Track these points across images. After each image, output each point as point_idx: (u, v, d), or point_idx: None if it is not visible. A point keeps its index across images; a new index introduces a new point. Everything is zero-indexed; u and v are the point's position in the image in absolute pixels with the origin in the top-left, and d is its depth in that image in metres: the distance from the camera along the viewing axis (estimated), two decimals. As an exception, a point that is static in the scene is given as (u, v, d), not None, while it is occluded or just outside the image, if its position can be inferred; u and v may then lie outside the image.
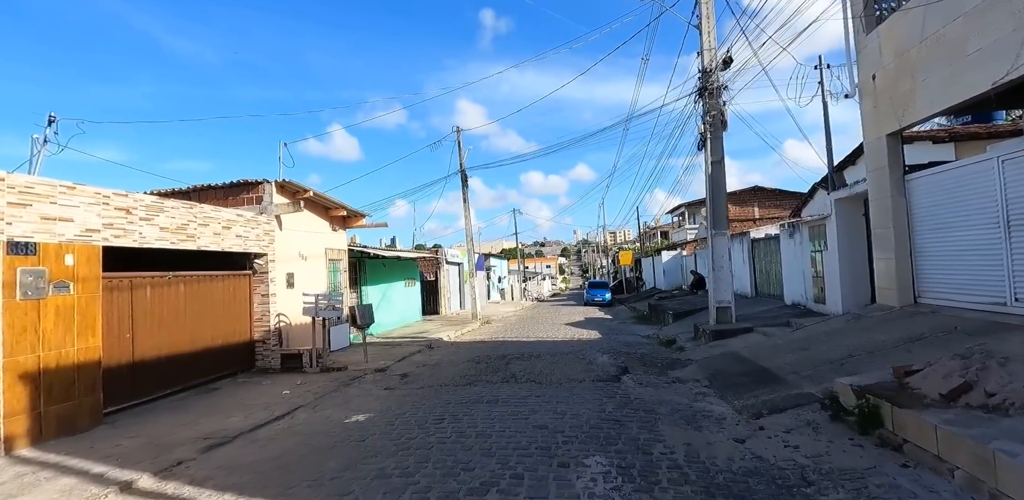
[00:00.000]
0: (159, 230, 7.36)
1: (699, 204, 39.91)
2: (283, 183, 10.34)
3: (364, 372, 9.34)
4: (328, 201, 11.73)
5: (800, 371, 6.56)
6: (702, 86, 11.07)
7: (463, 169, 20.41)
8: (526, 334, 15.09)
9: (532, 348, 11.69)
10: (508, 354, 10.75)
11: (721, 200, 11.09)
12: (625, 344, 11.97)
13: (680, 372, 8.17)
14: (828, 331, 8.05)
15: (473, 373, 8.68)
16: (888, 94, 7.99)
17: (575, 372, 8.37)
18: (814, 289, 11.14)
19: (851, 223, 9.83)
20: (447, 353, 11.55)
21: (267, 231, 9.90)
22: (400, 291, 18.70)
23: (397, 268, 18.58)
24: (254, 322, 9.86)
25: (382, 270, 17.17)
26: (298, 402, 7.11)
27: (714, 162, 11.06)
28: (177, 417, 6.52)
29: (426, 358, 10.90)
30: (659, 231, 56.53)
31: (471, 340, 14.19)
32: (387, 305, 17.29)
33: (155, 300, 7.62)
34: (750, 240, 15.74)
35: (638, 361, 9.39)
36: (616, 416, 5.67)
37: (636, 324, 17.19)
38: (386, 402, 6.89)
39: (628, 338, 13.24)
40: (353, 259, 15.10)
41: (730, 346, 9.30)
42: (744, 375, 7.12)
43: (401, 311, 18.59)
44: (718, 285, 10.99)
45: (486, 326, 18.75)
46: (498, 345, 12.57)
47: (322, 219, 12.12)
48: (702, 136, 11.20)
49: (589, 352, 10.63)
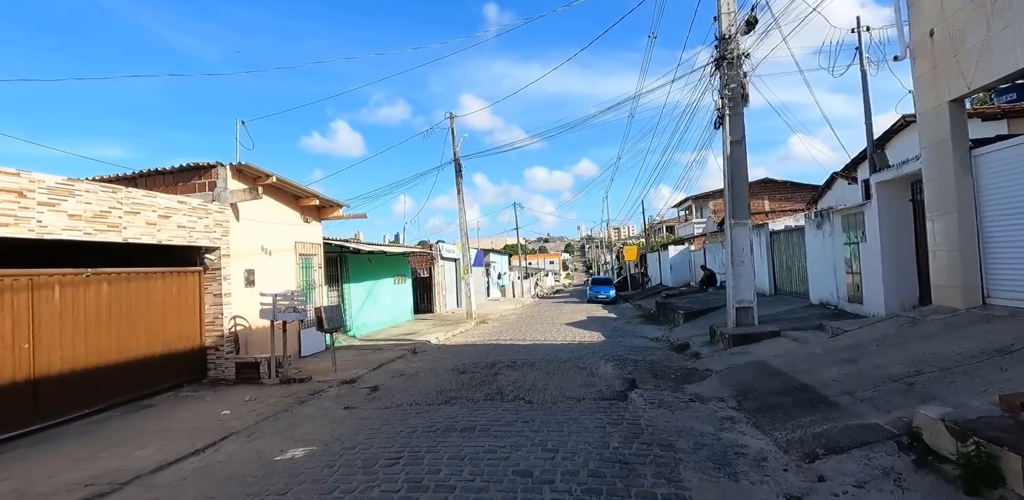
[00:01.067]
0: (67, 218, 6.06)
1: (706, 197, 38.47)
2: (240, 167, 9.03)
3: (329, 384, 8.06)
4: (297, 188, 10.42)
5: (855, 391, 5.21)
6: (719, 55, 9.67)
7: (456, 158, 19.08)
8: (522, 336, 13.78)
9: (527, 354, 10.38)
10: (499, 361, 9.44)
11: (742, 185, 9.71)
12: (631, 349, 10.64)
13: (699, 387, 6.84)
14: (878, 338, 6.69)
15: (453, 387, 7.37)
16: (952, 51, 6.58)
17: (574, 386, 7.05)
18: (848, 287, 9.76)
19: (896, 210, 8.45)
20: (431, 360, 10.25)
21: (219, 221, 8.60)
22: (388, 289, 17.42)
23: (385, 264, 17.29)
24: (205, 326, 8.58)
25: (367, 266, 15.87)
26: (234, 427, 5.82)
27: (733, 142, 9.68)
28: (77, 448, 5.25)
29: (405, 366, 9.61)
30: (664, 226, 55.07)
31: (461, 343, 12.89)
32: (373, 304, 16.02)
33: (68, 302, 6.33)
34: (768, 233, 14.36)
35: (647, 371, 8.06)
36: (623, 455, 4.35)
37: (643, 324, 15.85)
38: (339, 428, 5.59)
39: (634, 341, 11.91)
40: (332, 254, 13.81)
41: (756, 354, 7.95)
42: (781, 394, 5.78)
43: (390, 310, 17.31)
44: (738, 282, 9.63)
45: (481, 326, 17.45)
46: (490, 349, 11.26)
47: (291, 209, 10.81)
48: (719, 113, 9.81)
49: (591, 359, 9.31)
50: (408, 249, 17.83)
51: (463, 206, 19.07)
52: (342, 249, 13.42)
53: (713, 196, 38.07)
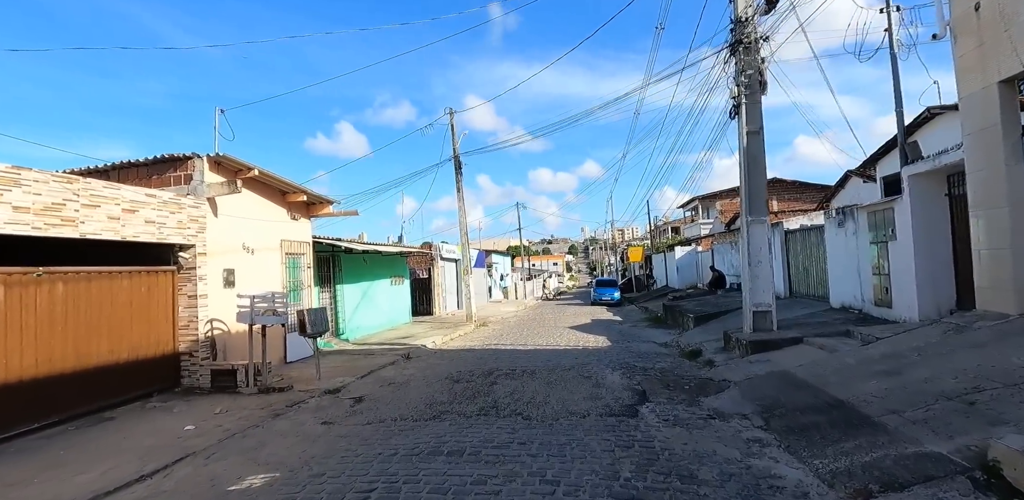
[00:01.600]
0: (12, 210, 5.43)
1: (713, 198, 37.73)
2: (218, 158, 8.39)
3: (311, 394, 7.40)
4: (282, 183, 9.78)
5: (902, 410, 4.51)
6: (735, 39, 8.99)
7: (456, 154, 18.42)
8: (524, 340, 13.09)
9: (528, 360, 9.69)
10: (497, 369, 8.76)
11: (759, 179, 9.01)
12: (639, 355, 9.94)
13: (717, 400, 6.14)
14: (919, 347, 5.98)
15: (445, 399, 6.69)
16: (1002, 26, 5.88)
17: (577, 399, 6.36)
18: (874, 289, 9.04)
19: (930, 205, 7.73)
20: (424, 366, 9.58)
21: (194, 217, 7.96)
22: (385, 290, 16.77)
23: (382, 265, 16.64)
24: (179, 330, 7.94)
25: (362, 266, 15.23)
26: (195, 445, 5.16)
27: (750, 132, 8.99)
28: (15, 470, 4.60)
29: (396, 373, 8.94)
30: (669, 227, 54.29)
31: (459, 347, 12.21)
32: (369, 306, 15.37)
33: (14, 304, 5.69)
34: (783, 232, 13.63)
35: (658, 381, 7.36)
36: (636, 489, 3.66)
37: (650, 328, 15.13)
38: (311, 449, 4.92)
39: (642, 346, 11.21)
40: (324, 254, 13.18)
41: (778, 363, 7.24)
42: (813, 411, 5.08)
43: (386, 312, 16.66)
44: (755, 284, 8.93)
45: (481, 329, 16.77)
46: (488, 355, 10.58)
47: (277, 205, 10.17)
48: (735, 101, 9.12)
49: (596, 366, 8.62)
50: (405, 249, 17.20)
51: (463, 205, 18.42)
52: (334, 248, 12.78)
53: (720, 196, 37.34)
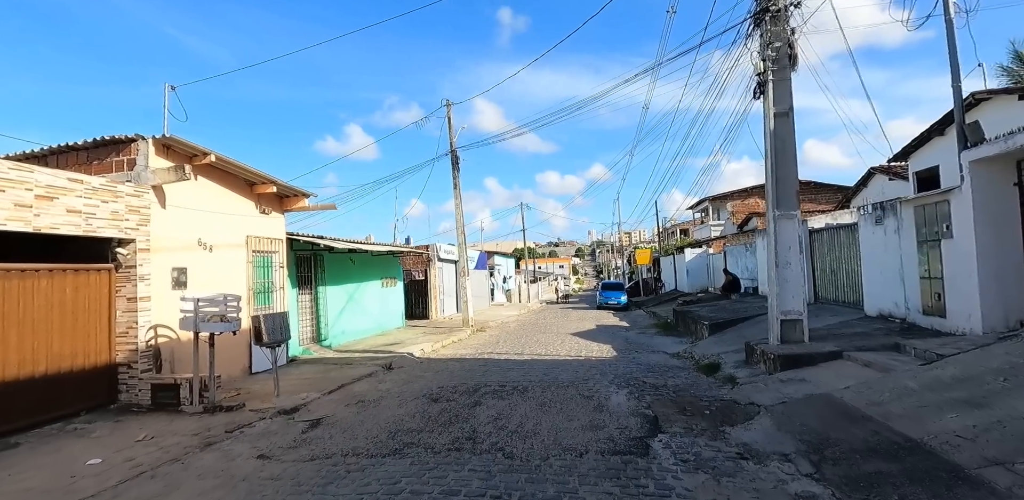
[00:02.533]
0: None
1: (723, 198, 36.42)
2: (167, 141, 7.34)
3: (263, 415, 6.29)
4: (246, 172, 8.70)
5: (1011, 461, 3.33)
6: (761, 7, 7.84)
7: (453, 149, 17.34)
8: (521, 348, 11.94)
9: (522, 373, 8.55)
10: (485, 384, 7.62)
11: (789, 167, 7.83)
12: (649, 368, 8.76)
13: (747, 432, 4.96)
14: (1003, 370, 4.78)
15: (414, 425, 5.56)
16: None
17: (574, 428, 5.21)
18: (923, 295, 7.82)
19: (997, 197, 6.53)
20: (404, 379, 8.46)
21: (135, 207, 6.90)
22: (375, 293, 15.68)
23: (372, 265, 15.56)
24: (116, 338, 6.88)
25: (349, 267, 14.15)
26: (82, 491, 4.06)
27: (778, 114, 7.82)
28: None
29: (370, 388, 7.82)
30: (678, 229, 52.97)
31: (449, 356, 11.08)
32: (356, 310, 14.28)
33: None
34: (807, 231, 12.39)
35: (672, 403, 6.19)
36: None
37: (659, 336, 13.93)
38: (227, 498, 3.80)
39: (652, 358, 10.02)
40: (305, 253, 12.11)
41: (817, 383, 6.05)
42: (878, 455, 3.90)
43: (376, 316, 15.57)
44: (784, 289, 7.74)
45: (478, 335, 15.63)
46: (478, 366, 9.45)
47: (244, 198, 9.10)
48: (760, 78, 7.96)
49: (599, 383, 7.46)
50: (396, 248, 16.09)
51: (460, 202, 17.31)
52: (313, 246, 11.69)
53: (732, 197, 36.06)
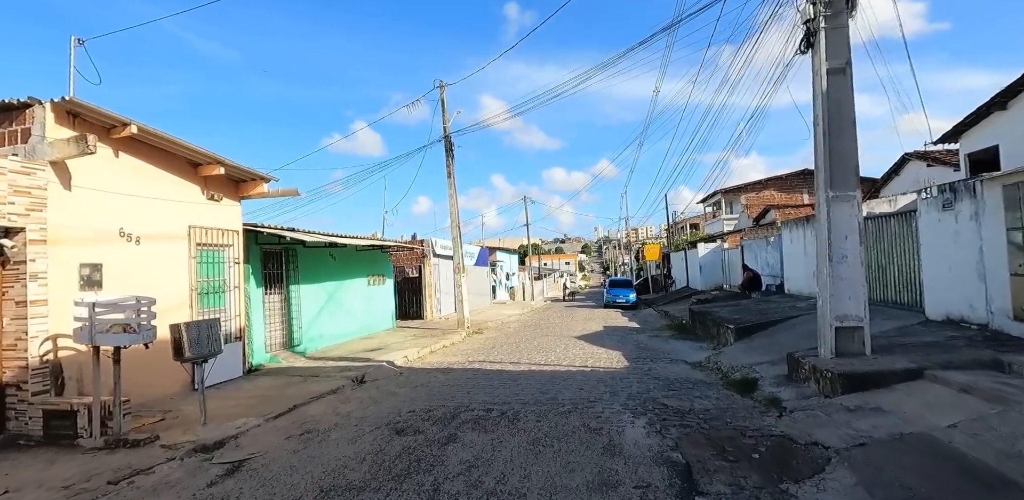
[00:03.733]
0: None
1: (737, 191, 34.68)
2: (70, 106, 5.90)
3: (175, 453, 4.87)
4: (183, 148, 7.25)
5: None
6: (811, -62, 6.27)
7: (447, 134, 15.84)
8: (518, 355, 10.47)
9: (515, 389, 7.09)
10: (467, 407, 6.17)
11: (846, 137, 6.28)
12: (669, 384, 7.26)
13: (822, 495, 3.47)
14: None
15: (360, 477, 4.10)
16: None
17: (576, 487, 3.73)
18: (1016, 296, 6.25)
19: None
20: (373, 398, 7.01)
21: (23, 187, 5.49)
22: (360, 291, 14.26)
23: (356, 261, 14.14)
24: (2, 351, 5.48)
25: (328, 263, 12.73)
26: None
27: (832, 70, 6.26)
28: None
29: (327, 411, 6.38)
30: (688, 224, 51.20)
31: (434, 365, 9.63)
32: (336, 310, 12.87)
33: None
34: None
35: (706, 440, 4.70)
36: None
37: (675, 339, 12.42)
38: None
39: (670, 369, 8.51)
40: (274, 247, 10.69)
41: (902, 416, 4.54)
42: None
43: (361, 318, 14.15)
44: (838, 288, 6.21)
45: (473, 339, 14.20)
46: (464, 380, 7.99)
47: (184, 180, 7.67)
48: (809, 27, 6.40)
49: (608, 407, 5.98)
50: (383, 243, 14.59)
51: (454, 191, 15.83)
52: (280, 239, 10.22)
53: (746, 189, 34.30)
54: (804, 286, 12.97)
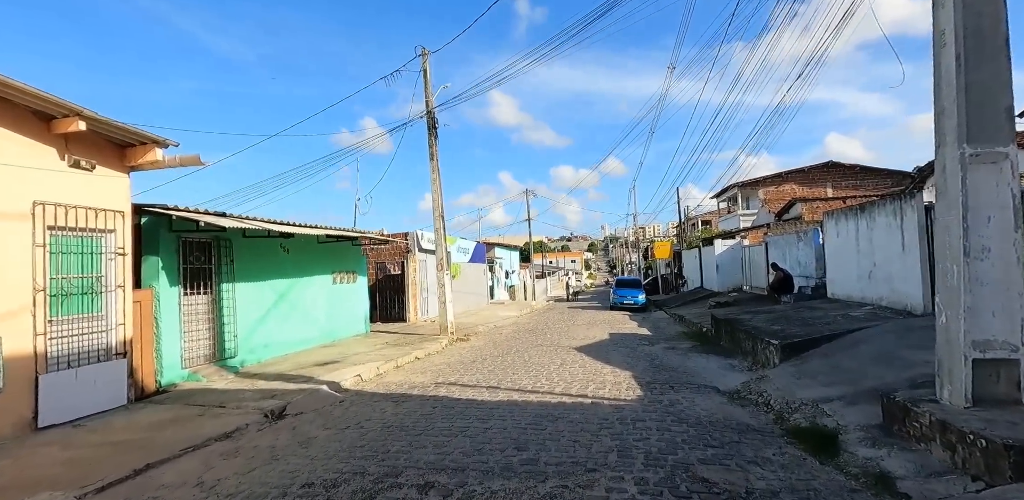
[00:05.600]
0: None
1: (755, 185, 32.30)
2: None
3: None
4: (16, 91, 5.11)
5: None
6: None
7: (430, 109, 13.65)
8: (500, 375, 8.30)
9: (477, 441, 4.91)
10: (394, 479, 4.00)
11: (997, 66, 4.03)
12: (703, 435, 5.04)
13: None
14: None
15: None
16: None
17: None
18: None
19: None
20: (276, 448, 4.85)
21: None
22: (323, 291, 12.14)
23: (318, 255, 12.02)
24: None
25: (279, 257, 10.61)
26: None
27: (973, -41, 4.01)
28: None
29: (192, 476, 4.22)
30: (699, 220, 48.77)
31: (389, 389, 7.47)
32: (288, 314, 10.76)
33: None
34: (921, 209, 8.52)
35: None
36: None
37: (696, 352, 10.19)
38: None
39: (700, 403, 6.29)
40: (199, 237, 8.56)
41: None
42: None
43: (323, 322, 12.04)
44: (977, 299, 3.98)
45: (455, 347, 12.05)
46: (416, 420, 5.81)
47: (28, 138, 5.54)
48: None
49: (616, 487, 3.79)
50: (349, 233, 12.25)
51: (438, 176, 13.62)
52: (199, 226, 8.01)
53: (764, 183, 31.88)
54: (854, 289, 10.69)
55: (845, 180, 30.80)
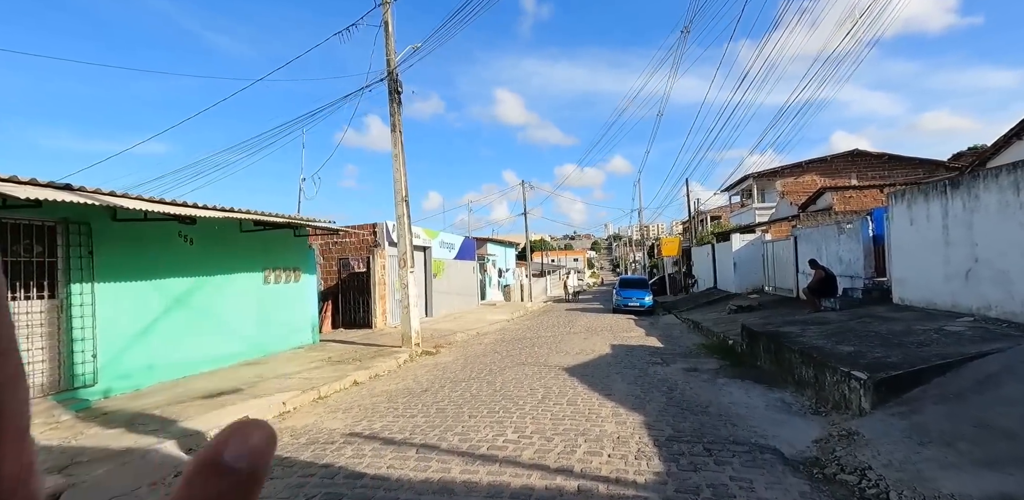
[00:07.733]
0: None
1: (772, 175, 29.61)
2: None
3: None
4: None
5: None
6: None
7: (392, 70, 11.08)
8: (450, 420, 5.76)
9: None
10: None
11: None
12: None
13: None
14: None
15: None
16: None
17: None
18: None
19: None
20: None
21: None
22: (250, 292, 9.61)
23: (244, 246, 9.49)
24: None
25: (178, 248, 8.08)
26: None
27: None
28: None
29: None
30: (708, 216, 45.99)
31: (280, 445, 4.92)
32: (196, 323, 8.23)
33: None
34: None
35: None
36: None
37: (727, 377, 7.61)
38: None
39: (761, 493, 3.71)
40: (36, 220, 6.04)
41: None
42: None
43: (249, 333, 9.51)
44: None
45: (415, 364, 9.51)
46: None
47: None
48: None
49: None
50: (280, 220, 9.43)
51: (400, 151, 11.04)
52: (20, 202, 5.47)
53: (782, 173, 29.14)
54: (940, 294, 8.05)
55: (871, 170, 28.11)
